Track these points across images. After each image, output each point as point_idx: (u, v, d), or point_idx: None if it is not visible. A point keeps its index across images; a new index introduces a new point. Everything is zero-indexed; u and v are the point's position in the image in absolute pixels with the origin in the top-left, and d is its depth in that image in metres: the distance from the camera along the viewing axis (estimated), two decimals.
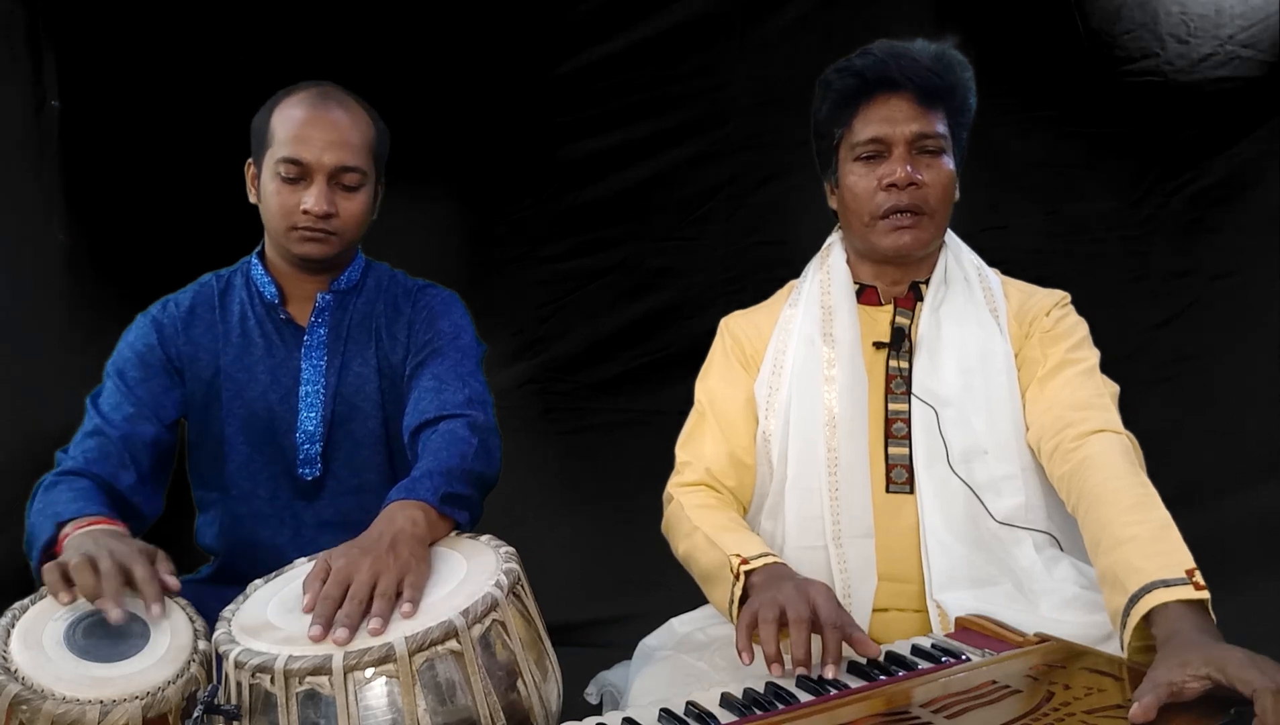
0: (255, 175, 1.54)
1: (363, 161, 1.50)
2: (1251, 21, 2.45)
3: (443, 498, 1.26)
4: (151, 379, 1.53)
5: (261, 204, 1.53)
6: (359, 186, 1.51)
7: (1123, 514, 1.18)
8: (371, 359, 1.57)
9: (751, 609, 1.16)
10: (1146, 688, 0.94)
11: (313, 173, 1.47)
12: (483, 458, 1.38)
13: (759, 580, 1.24)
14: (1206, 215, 2.50)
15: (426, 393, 1.47)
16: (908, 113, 1.42)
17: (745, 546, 1.30)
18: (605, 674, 1.55)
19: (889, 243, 1.44)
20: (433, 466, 1.32)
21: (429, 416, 1.43)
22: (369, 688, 1.03)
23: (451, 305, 1.62)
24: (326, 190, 1.47)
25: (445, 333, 1.56)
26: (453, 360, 1.52)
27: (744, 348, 1.56)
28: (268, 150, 1.50)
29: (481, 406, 1.46)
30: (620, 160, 2.65)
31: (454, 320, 1.58)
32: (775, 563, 1.27)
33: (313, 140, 1.46)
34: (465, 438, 1.38)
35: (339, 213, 1.49)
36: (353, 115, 1.52)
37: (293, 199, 1.48)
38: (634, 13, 2.59)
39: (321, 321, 1.57)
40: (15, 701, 1.03)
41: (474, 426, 1.41)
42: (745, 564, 1.27)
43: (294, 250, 1.51)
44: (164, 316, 1.58)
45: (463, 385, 1.47)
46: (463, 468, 1.33)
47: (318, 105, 1.49)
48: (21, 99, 2.43)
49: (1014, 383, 1.43)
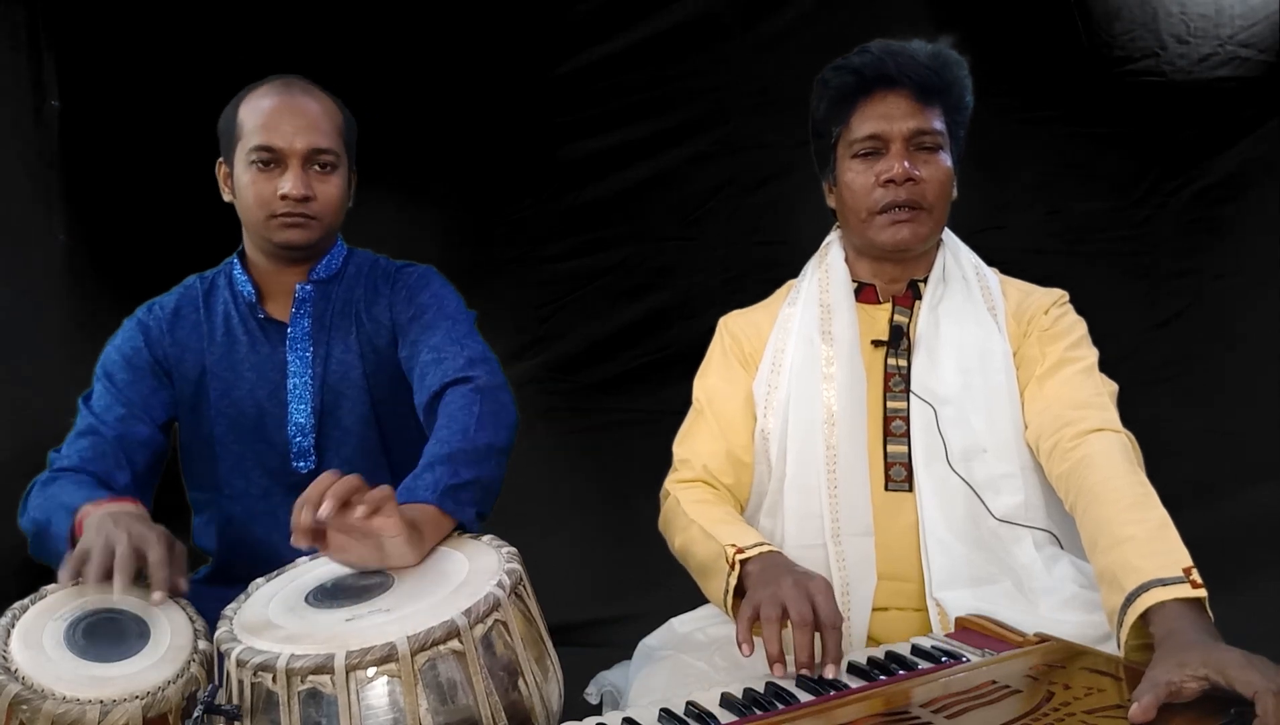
0: (227, 174, 1.55)
1: (334, 144, 1.51)
2: (1251, 21, 2.45)
3: (442, 493, 1.25)
4: (140, 381, 1.53)
5: (237, 199, 1.54)
6: (333, 169, 1.52)
7: (1121, 513, 1.18)
8: (354, 345, 1.57)
9: (753, 603, 1.16)
10: (1145, 687, 0.94)
11: (286, 158, 1.48)
12: (489, 426, 1.35)
13: (755, 569, 1.24)
14: (1206, 215, 2.51)
15: (428, 367, 1.46)
16: (905, 109, 1.42)
17: (741, 537, 1.31)
18: (605, 674, 1.55)
19: (887, 237, 1.44)
20: (434, 454, 1.30)
21: (435, 389, 1.42)
22: (371, 687, 1.03)
23: (429, 278, 1.61)
24: (302, 174, 1.48)
25: (428, 306, 1.55)
26: (444, 329, 1.50)
27: (743, 346, 1.56)
28: (238, 144, 1.50)
29: (484, 365, 1.44)
30: (620, 160, 2.65)
31: (433, 291, 1.58)
32: (771, 552, 1.27)
33: (283, 126, 1.47)
34: (466, 409, 1.36)
35: (317, 196, 1.50)
36: (320, 102, 1.53)
37: (269, 187, 1.48)
38: (634, 13, 2.59)
39: (304, 313, 1.57)
40: (15, 701, 1.03)
41: (479, 389, 1.39)
42: (741, 553, 1.26)
43: (275, 238, 1.51)
44: (149, 319, 1.58)
45: (460, 349, 1.46)
46: (465, 447, 1.31)
47: (284, 94, 1.50)
48: (22, 99, 2.44)
49: (1013, 381, 1.43)
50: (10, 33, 2.42)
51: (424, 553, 1.21)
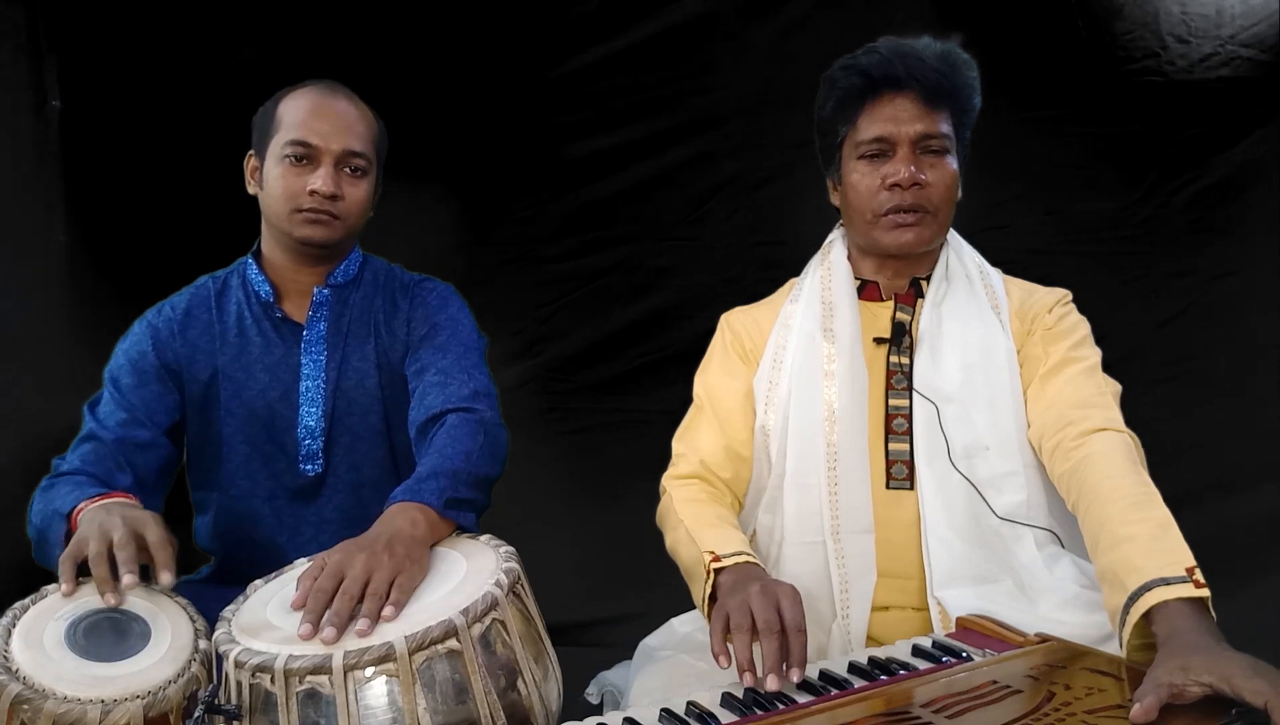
0: (255, 167, 1.56)
1: (368, 150, 1.54)
2: (1252, 21, 2.45)
3: (447, 502, 1.26)
4: (144, 386, 1.53)
5: (263, 191, 1.54)
6: (364, 174, 1.54)
7: (1123, 512, 1.18)
8: (371, 355, 1.58)
9: (722, 613, 1.16)
10: (1147, 688, 0.94)
11: (320, 156, 1.49)
12: (487, 458, 1.38)
13: (727, 581, 1.24)
14: (1206, 215, 2.50)
15: (431, 387, 1.47)
16: (913, 112, 1.42)
17: (721, 544, 1.30)
18: (606, 674, 1.55)
19: (891, 240, 1.44)
20: (437, 466, 1.31)
21: (435, 411, 1.43)
22: (369, 687, 1.03)
23: (448, 299, 1.62)
24: (334, 173, 1.50)
25: (443, 327, 1.56)
26: (456, 354, 1.52)
27: (744, 342, 1.56)
28: (273, 138, 1.51)
29: (488, 399, 1.46)
30: (620, 160, 2.65)
31: (450, 313, 1.59)
32: (746, 563, 1.26)
33: (321, 125, 1.50)
34: (471, 436, 1.38)
35: (344, 196, 1.52)
36: (358, 108, 1.56)
37: (298, 181, 1.49)
38: (633, 13, 2.59)
39: (320, 316, 1.57)
40: (17, 701, 1.03)
41: (482, 423, 1.41)
42: (717, 562, 1.26)
43: (296, 233, 1.52)
44: (159, 321, 1.58)
45: (468, 378, 1.48)
46: (467, 470, 1.32)
47: (326, 95, 1.53)
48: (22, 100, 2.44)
49: (1016, 379, 1.43)
50: (10, 33, 2.42)
51: (426, 560, 1.20)
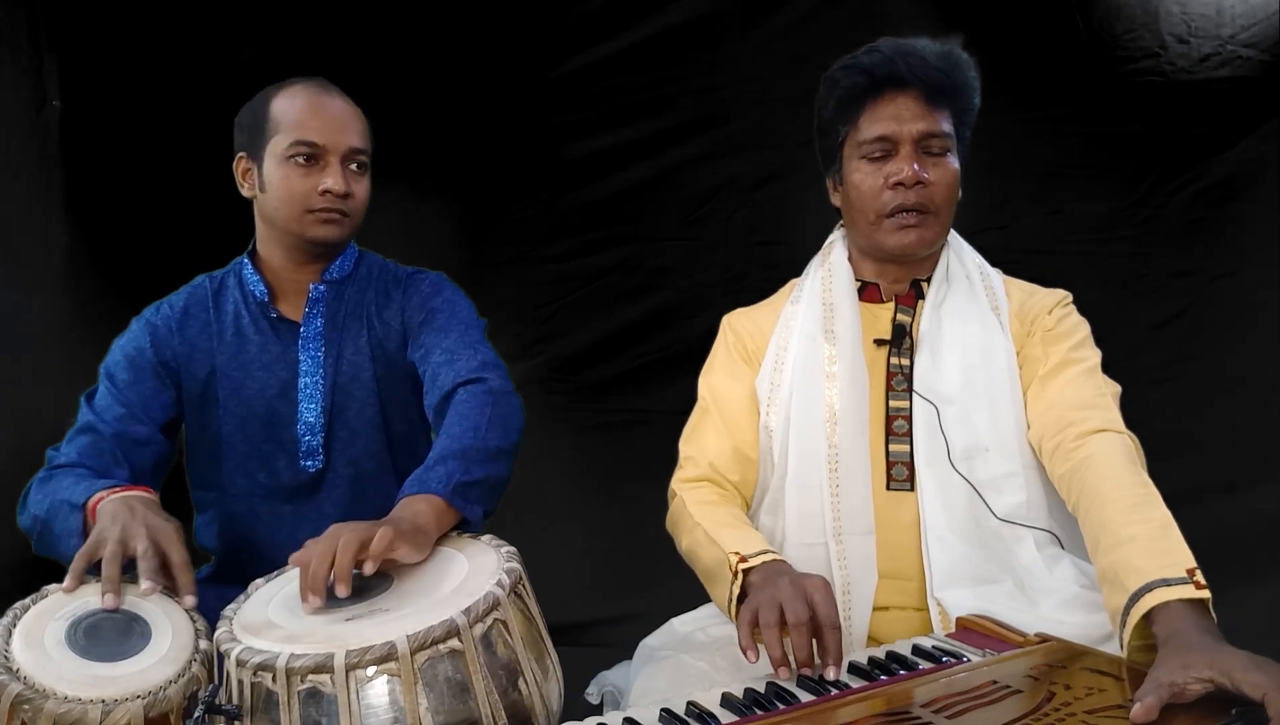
0: (248, 169, 1.55)
1: (367, 145, 1.55)
2: (1252, 21, 2.45)
3: (454, 488, 1.26)
4: (141, 382, 1.53)
5: (264, 194, 1.54)
6: (366, 170, 1.55)
7: (1123, 513, 1.18)
8: (365, 347, 1.58)
9: (751, 608, 1.16)
10: (1148, 688, 0.94)
11: (327, 155, 1.50)
12: (499, 428, 1.37)
13: (756, 579, 1.24)
14: (1207, 215, 2.51)
15: (440, 367, 1.48)
16: (915, 111, 1.41)
17: (745, 544, 1.30)
18: (606, 674, 1.55)
19: (894, 241, 1.44)
20: (445, 449, 1.31)
21: (446, 388, 1.43)
22: (370, 686, 1.03)
23: (442, 285, 1.63)
24: (343, 171, 1.50)
25: (440, 310, 1.57)
26: (458, 333, 1.53)
27: (745, 344, 1.56)
28: (270, 139, 1.51)
29: (496, 370, 1.47)
30: (620, 160, 2.65)
31: (446, 297, 1.60)
32: (774, 560, 1.26)
33: (324, 124, 1.50)
34: (479, 409, 1.38)
35: (354, 194, 1.53)
36: (350, 105, 1.56)
37: (307, 182, 1.49)
38: (634, 13, 2.59)
39: (317, 312, 1.57)
40: (17, 701, 1.03)
41: (491, 391, 1.41)
42: (744, 563, 1.26)
43: (308, 234, 1.52)
44: (157, 319, 1.58)
45: (474, 352, 1.48)
46: (476, 446, 1.32)
47: (321, 93, 1.53)
48: (22, 99, 2.44)
49: (1016, 380, 1.43)
50: (11, 33, 2.42)
51: (429, 549, 1.21)
